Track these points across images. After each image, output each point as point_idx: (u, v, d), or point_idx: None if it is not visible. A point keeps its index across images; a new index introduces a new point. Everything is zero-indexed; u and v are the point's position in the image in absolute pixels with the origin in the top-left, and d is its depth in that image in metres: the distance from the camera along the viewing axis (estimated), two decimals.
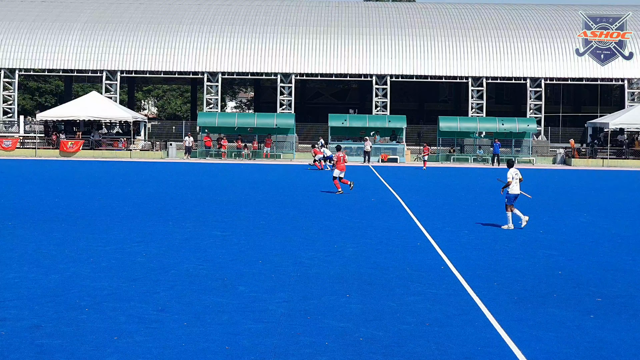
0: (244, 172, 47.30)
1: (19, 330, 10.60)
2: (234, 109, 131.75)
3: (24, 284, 13.46)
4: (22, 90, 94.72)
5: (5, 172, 42.85)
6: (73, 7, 74.25)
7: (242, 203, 27.98)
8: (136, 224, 21.57)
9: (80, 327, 10.80)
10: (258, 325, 11.14)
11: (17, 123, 68.49)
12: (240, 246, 18.10)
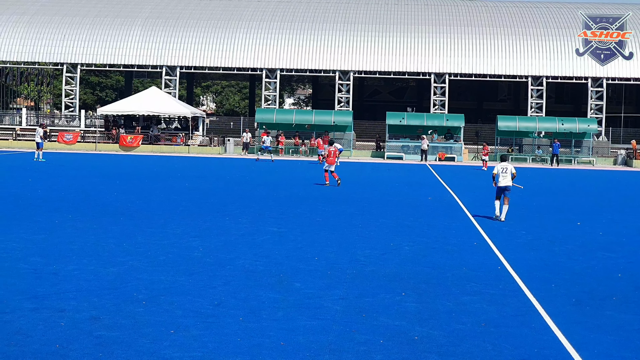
0: (301, 168, 47.38)
1: (78, 321, 10.73)
2: (292, 105, 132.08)
3: (83, 276, 13.64)
4: (84, 85, 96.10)
5: (66, 165, 43.46)
6: (134, 3, 75.02)
7: (299, 199, 28.03)
8: (193, 219, 21.73)
9: (137, 320, 10.91)
10: (313, 322, 11.15)
11: (78, 117, 69.42)
12: (296, 243, 18.14)
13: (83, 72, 78.24)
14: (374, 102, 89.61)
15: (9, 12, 72.98)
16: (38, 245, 16.53)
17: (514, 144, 66.23)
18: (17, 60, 71.65)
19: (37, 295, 12.18)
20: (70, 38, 70.79)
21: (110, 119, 66.28)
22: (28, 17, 72.40)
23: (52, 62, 71.89)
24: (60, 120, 71.20)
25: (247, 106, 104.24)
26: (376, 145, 68.13)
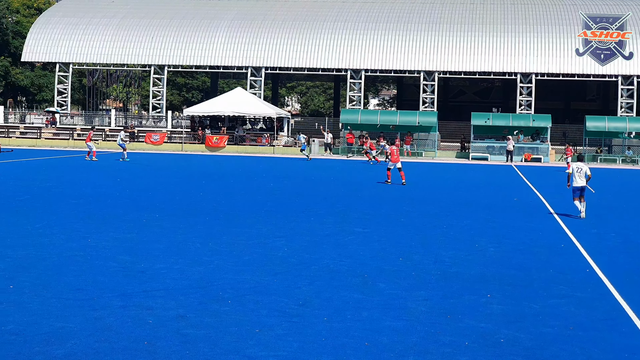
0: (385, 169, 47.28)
1: (166, 319, 10.88)
2: (377, 106, 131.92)
3: (170, 275, 13.82)
4: (171, 86, 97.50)
5: (153, 165, 44.16)
6: (221, 5, 75.85)
7: (383, 200, 27.97)
8: (278, 219, 21.85)
9: (223, 319, 11.01)
10: (398, 322, 11.11)
11: (165, 118, 70.47)
12: (381, 243, 18.10)
13: (170, 73, 79.38)
14: (459, 102, 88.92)
15: (100, 15, 74.48)
16: (126, 244, 16.82)
17: (602, 145, 65.02)
18: (107, 63, 73.07)
19: (126, 293, 12.39)
20: (157, 40, 71.92)
21: (196, 119, 67.13)
22: (117, 20, 73.78)
23: (140, 64, 73.14)
24: (147, 121, 72.41)
25: (332, 107, 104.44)
26: (461, 146, 67.62)
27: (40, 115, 74.01)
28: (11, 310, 11.04)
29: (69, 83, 73.92)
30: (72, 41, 72.70)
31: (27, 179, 32.91)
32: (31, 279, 13.09)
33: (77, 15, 74.72)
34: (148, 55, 71.83)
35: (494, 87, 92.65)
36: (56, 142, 64.44)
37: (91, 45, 72.44)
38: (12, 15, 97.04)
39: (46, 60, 76.62)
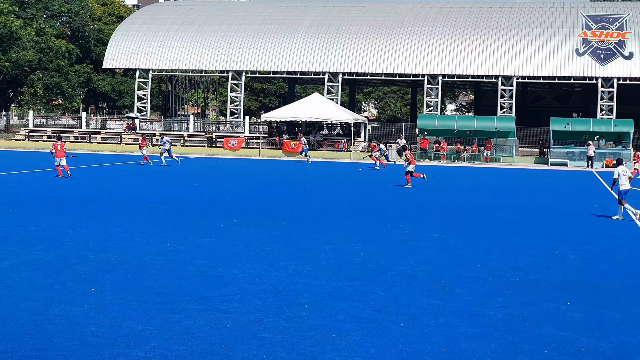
0: (462, 175, 46.95)
1: (243, 323, 10.95)
2: (454, 111, 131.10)
3: (247, 280, 13.92)
4: (248, 92, 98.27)
5: (230, 171, 44.55)
6: (297, 10, 76.20)
7: (460, 205, 27.77)
8: (355, 224, 21.84)
9: (300, 324, 11.04)
10: (475, 329, 11.00)
11: (242, 123, 71.05)
12: (458, 249, 17.96)
13: (248, 79, 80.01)
14: (538, 107, 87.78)
15: (179, 22, 75.48)
16: (204, 249, 16.98)
17: None
18: (185, 69, 74.00)
19: (204, 297, 12.51)
20: (235, 46, 72.58)
21: (273, 125, 67.54)
22: (196, 27, 74.67)
23: (218, 69, 73.92)
24: (225, 127, 73.09)
25: (409, 112, 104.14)
26: (539, 151, 66.77)
27: (120, 121, 75.31)
28: (93, 313, 11.24)
29: (149, 89, 75.06)
30: (151, 48, 73.80)
31: (108, 183, 33.48)
32: (112, 282, 13.31)
33: (157, 23, 75.84)
34: (226, 61, 72.52)
35: (574, 91, 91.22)
36: (136, 147, 65.42)
37: (170, 52, 73.44)
38: (94, 23, 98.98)
39: (126, 67, 77.93)
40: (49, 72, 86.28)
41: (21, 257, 15.30)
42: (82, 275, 13.84)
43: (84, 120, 73.19)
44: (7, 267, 14.30)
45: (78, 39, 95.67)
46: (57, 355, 9.34)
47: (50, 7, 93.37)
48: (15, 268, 14.26)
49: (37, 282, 13.17)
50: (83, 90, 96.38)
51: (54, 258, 15.32)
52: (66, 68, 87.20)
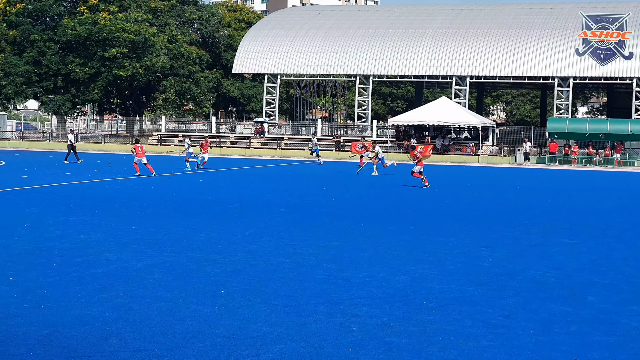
0: (594, 179, 45.83)
1: (370, 327, 10.95)
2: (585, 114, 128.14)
3: (374, 283, 13.91)
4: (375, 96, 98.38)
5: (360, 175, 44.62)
6: (425, 14, 75.91)
7: (592, 211, 27.10)
8: (482, 229, 21.58)
9: (427, 328, 10.96)
10: (609, 338, 10.70)
11: (370, 127, 71.15)
12: (589, 255, 17.53)
13: (375, 83, 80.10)
14: None
15: (307, 27, 76.18)
16: (332, 252, 17.06)
17: None
18: (313, 73, 74.61)
19: (331, 300, 12.56)
20: (362, 50, 72.74)
21: (401, 129, 67.41)
22: (323, 32, 75.19)
23: (346, 74, 74.26)
24: (352, 131, 73.36)
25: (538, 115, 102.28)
26: None
27: (249, 126, 76.42)
28: (222, 314, 11.43)
29: (277, 94, 76.00)
30: (279, 53, 74.70)
31: (237, 187, 34.03)
32: (241, 285, 13.51)
33: (285, 28, 76.73)
34: (353, 65, 72.79)
35: None
36: (264, 151, 66.35)
37: (298, 57, 74.18)
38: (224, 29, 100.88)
39: (255, 72, 79.10)
40: (180, 78, 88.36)
41: (154, 259, 15.69)
42: (212, 277, 14.10)
43: (213, 125, 74.64)
44: (140, 268, 14.69)
45: (208, 45, 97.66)
46: (188, 355, 9.53)
47: (181, 15, 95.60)
48: (149, 269, 14.64)
49: (168, 283, 13.48)
50: (213, 95, 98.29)
51: (185, 260, 15.66)
52: (197, 74, 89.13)
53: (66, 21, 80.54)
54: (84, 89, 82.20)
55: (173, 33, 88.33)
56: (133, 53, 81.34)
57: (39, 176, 35.99)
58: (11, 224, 20.10)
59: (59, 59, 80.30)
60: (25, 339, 9.99)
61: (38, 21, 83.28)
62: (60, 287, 12.94)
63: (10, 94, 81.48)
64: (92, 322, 10.83)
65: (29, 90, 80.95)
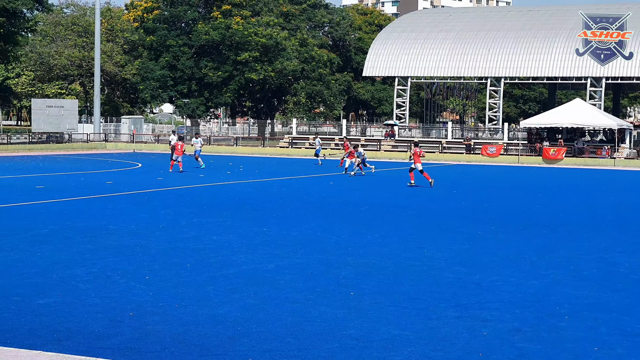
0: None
1: (500, 332, 10.80)
2: None
3: (505, 288, 13.71)
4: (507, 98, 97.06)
5: (488, 177, 44.14)
6: (559, 14, 74.43)
7: None
8: (620, 234, 20.99)
9: (559, 335, 10.74)
10: None
11: (501, 130, 70.20)
12: None
13: (506, 85, 79.01)
14: None
15: (437, 29, 75.75)
16: (462, 255, 16.90)
17: None
18: (444, 76, 74.14)
19: (461, 304, 12.45)
20: (493, 52, 71.86)
21: (533, 131, 66.24)
22: (454, 34, 74.62)
23: (477, 76, 73.50)
24: (483, 134, 72.55)
25: None
26: None
27: (379, 128, 76.47)
28: (352, 316, 11.47)
29: (407, 96, 75.83)
30: (410, 55, 74.49)
31: (366, 189, 34.09)
32: (370, 287, 13.52)
33: (416, 30, 76.47)
34: (484, 67, 71.98)
35: None
36: (395, 154, 66.23)
37: (428, 59, 73.82)
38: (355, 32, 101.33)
39: (385, 75, 79.11)
40: (311, 81, 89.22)
41: (285, 260, 15.87)
42: (342, 279, 14.16)
43: (344, 128, 75.00)
44: (272, 270, 14.88)
45: (339, 48, 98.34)
46: (317, 356, 9.60)
47: (313, 19, 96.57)
48: (280, 270, 14.81)
49: (299, 284, 13.61)
50: (343, 98, 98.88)
51: (315, 262, 15.78)
52: (328, 77, 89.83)
53: (200, 26, 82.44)
54: (217, 92, 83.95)
55: (304, 36, 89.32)
56: (265, 57, 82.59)
57: (173, 178, 36.90)
58: (148, 224, 20.67)
59: (193, 63, 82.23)
60: (160, 336, 10.26)
61: (173, 27, 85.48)
62: (193, 286, 13.23)
63: (147, 97, 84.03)
64: (224, 321, 11.04)
65: (164, 94, 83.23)
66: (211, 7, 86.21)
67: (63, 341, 9.95)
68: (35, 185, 31.65)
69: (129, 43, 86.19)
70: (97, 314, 11.25)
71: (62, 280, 13.48)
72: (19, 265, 14.67)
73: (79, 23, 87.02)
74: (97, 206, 24.97)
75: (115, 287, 13.04)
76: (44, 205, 25.05)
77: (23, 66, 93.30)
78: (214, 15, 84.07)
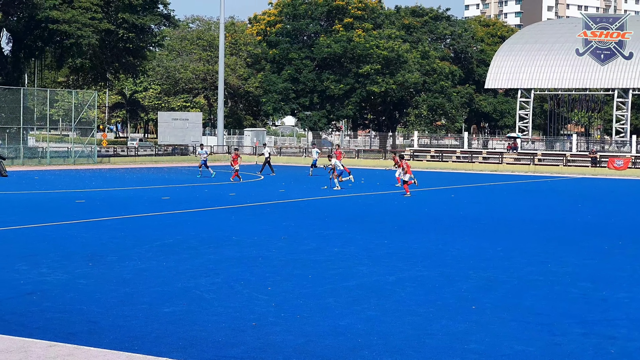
0: None
1: (629, 350, 10.50)
2: None
3: (633, 305, 13.32)
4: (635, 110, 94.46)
5: (615, 191, 43.05)
6: None
7: None
8: None
9: None
10: None
11: (629, 143, 68.38)
12: None
13: (635, 96, 76.96)
14: None
15: (562, 40, 74.38)
16: (587, 271, 16.52)
17: None
18: (568, 87, 72.75)
19: (587, 320, 12.16)
20: (620, 62, 70.04)
21: None
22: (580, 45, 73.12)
23: (603, 87, 71.81)
24: (610, 146, 70.77)
25: None
26: None
27: (501, 141, 75.51)
28: (473, 330, 11.34)
29: (530, 109, 74.68)
30: (533, 67, 73.36)
31: (487, 203, 33.70)
32: (492, 301, 13.35)
33: (540, 41, 75.26)
34: (611, 78, 70.27)
35: None
36: (517, 167, 65.27)
37: (552, 71, 72.54)
38: (477, 44, 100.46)
39: (508, 87, 78.14)
40: (432, 94, 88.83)
41: (405, 273, 15.82)
42: (463, 292, 14.02)
43: (465, 140, 74.37)
44: (393, 282, 14.85)
45: (461, 60, 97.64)
46: None
47: (434, 31, 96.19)
48: (400, 283, 14.77)
49: (420, 297, 13.54)
50: (465, 110, 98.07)
51: (436, 275, 15.67)
52: (449, 89, 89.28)
53: (322, 39, 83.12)
54: (339, 105, 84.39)
55: (426, 49, 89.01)
56: (386, 69, 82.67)
57: (295, 190, 37.25)
58: (270, 236, 20.92)
59: (315, 76, 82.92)
60: (282, 347, 10.36)
61: (296, 40, 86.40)
62: (314, 298, 13.32)
63: (269, 110, 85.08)
64: (345, 333, 11.07)
65: (286, 106, 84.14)
66: (333, 21, 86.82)
67: (188, 349, 10.16)
68: (161, 196, 32.43)
69: (252, 56, 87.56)
70: (221, 323, 11.45)
71: (187, 290, 13.76)
72: (145, 274, 15.05)
73: (203, 37, 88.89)
74: (220, 217, 25.42)
75: (238, 297, 13.24)
76: (170, 216, 25.64)
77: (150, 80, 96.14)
78: (336, 28, 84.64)
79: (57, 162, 58.93)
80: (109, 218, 24.43)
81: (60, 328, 11.04)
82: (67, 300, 12.75)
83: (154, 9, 68.01)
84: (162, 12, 69.48)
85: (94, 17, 61.19)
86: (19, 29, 64.00)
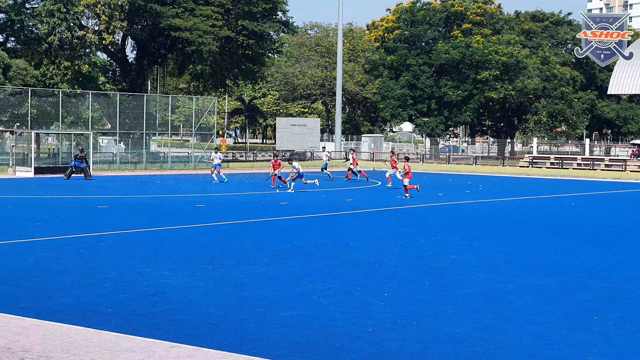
0: None
1: None
2: None
3: None
4: None
5: None
6: None
7: None
8: None
9: None
10: None
11: None
12: None
13: None
14: None
15: None
16: None
17: None
18: None
19: None
20: None
21: None
22: None
23: None
24: None
25: None
26: None
27: (625, 148, 73.58)
28: (595, 341, 11.08)
29: None
30: None
31: (610, 211, 32.86)
32: (615, 312, 13.01)
33: None
34: None
35: None
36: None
37: None
38: None
39: (632, 93, 76.04)
40: (553, 100, 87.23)
41: (524, 281, 15.56)
42: (584, 302, 13.71)
43: (587, 147, 72.77)
44: (511, 290, 14.63)
45: (582, 65, 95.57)
46: None
47: (555, 36, 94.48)
48: (519, 291, 14.54)
49: (539, 306, 13.30)
50: (587, 117, 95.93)
51: (556, 284, 15.37)
52: (570, 95, 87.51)
53: (440, 45, 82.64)
54: (457, 111, 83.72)
55: (546, 54, 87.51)
56: (505, 75, 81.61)
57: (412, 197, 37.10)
58: (386, 242, 20.89)
59: (433, 82, 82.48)
60: (398, 353, 10.32)
61: (414, 46, 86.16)
62: (431, 305, 13.23)
63: (387, 116, 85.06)
64: (463, 341, 10.96)
65: (404, 112, 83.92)
66: (451, 26, 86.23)
67: (305, 353, 10.22)
68: (279, 202, 32.75)
69: (369, 63, 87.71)
70: (337, 329, 11.47)
71: (304, 295, 13.85)
72: (263, 279, 15.22)
73: (322, 44, 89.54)
74: (337, 223, 25.52)
75: (354, 303, 13.25)
76: (287, 221, 25.87)
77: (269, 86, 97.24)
78: (454, 34, 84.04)
79: (177, 167, 60.18)
80: (227, 222, 24.82)
81: (181, 329, 11.26)
82: (188, 303, 13.00)
83: (273, 16, 68.83)
84: (281, 19, 70.27)
85: (215, 24, 62.35)
86: (143, 37, 65.77)
